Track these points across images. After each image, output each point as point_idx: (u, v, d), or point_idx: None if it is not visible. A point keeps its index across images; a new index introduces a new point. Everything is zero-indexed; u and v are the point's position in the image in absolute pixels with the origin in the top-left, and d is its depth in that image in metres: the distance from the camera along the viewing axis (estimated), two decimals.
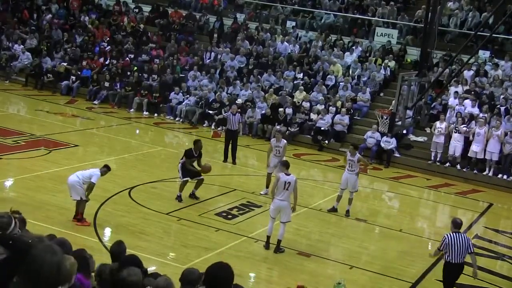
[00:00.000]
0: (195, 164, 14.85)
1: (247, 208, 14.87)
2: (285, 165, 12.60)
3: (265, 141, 22.16)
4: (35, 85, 26.42)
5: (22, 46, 27.92)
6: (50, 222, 11.54)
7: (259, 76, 25.15)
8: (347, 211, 15.24)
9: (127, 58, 27.18)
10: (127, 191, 14.95)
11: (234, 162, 18.96)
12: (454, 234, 10.23)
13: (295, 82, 24.84)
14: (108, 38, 28.47)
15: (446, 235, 10.26)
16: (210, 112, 23.64)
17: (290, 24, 28.35)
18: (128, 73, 26.24)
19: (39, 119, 21.96)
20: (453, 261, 10.19)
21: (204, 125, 23.75)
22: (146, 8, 30.81)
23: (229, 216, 14.15)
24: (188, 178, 14.69)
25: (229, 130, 19.18)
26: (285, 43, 26.98)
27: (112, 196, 14.39)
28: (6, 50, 28.11)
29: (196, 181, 14.88)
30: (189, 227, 13.20)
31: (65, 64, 26.87)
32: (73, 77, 26.26)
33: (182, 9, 30.00)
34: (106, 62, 27.20)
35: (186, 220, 13.54)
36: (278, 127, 17.86)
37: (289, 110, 23.01)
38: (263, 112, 23.22)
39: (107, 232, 12.74)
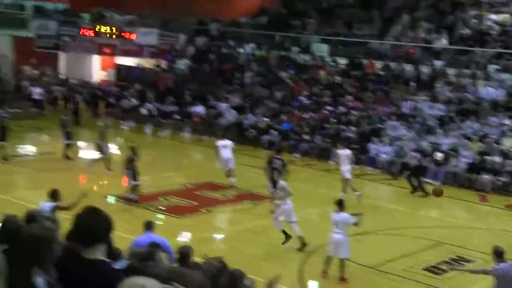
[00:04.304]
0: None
1: (456, 263, 14.11)
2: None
3: (472, 191, 21.14)
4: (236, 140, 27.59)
5: (227, 104, 29.68)
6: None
7: (461, 123, 24.12)
8: None
9: (325, 111, 27.61)
10: None
11: None
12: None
13: (502, 128, 23.45)
14: (307, 92, 29.21)
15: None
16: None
17: (492, 68, 27.01)
18: (327, 125, 26.61)
19: (243, 173, 22.20)
20: None
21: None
22: (341, 61, 31.22)
23: (439, 272, 13.52)
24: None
25: None
26: (488, 87, 25.72)
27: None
28: (212, 108, 30.05)
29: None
30: (394, 281, 12.81)
31: (267, 120, 28.00)
32: (274, 131, 27.18)
33: (377, 60, 30.00)
34: (306, 116, 27.84)
35: (391, 274, 13.16)
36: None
37: (497, 159, 21.73)
38: (468, 160, 22.14)
39: None
